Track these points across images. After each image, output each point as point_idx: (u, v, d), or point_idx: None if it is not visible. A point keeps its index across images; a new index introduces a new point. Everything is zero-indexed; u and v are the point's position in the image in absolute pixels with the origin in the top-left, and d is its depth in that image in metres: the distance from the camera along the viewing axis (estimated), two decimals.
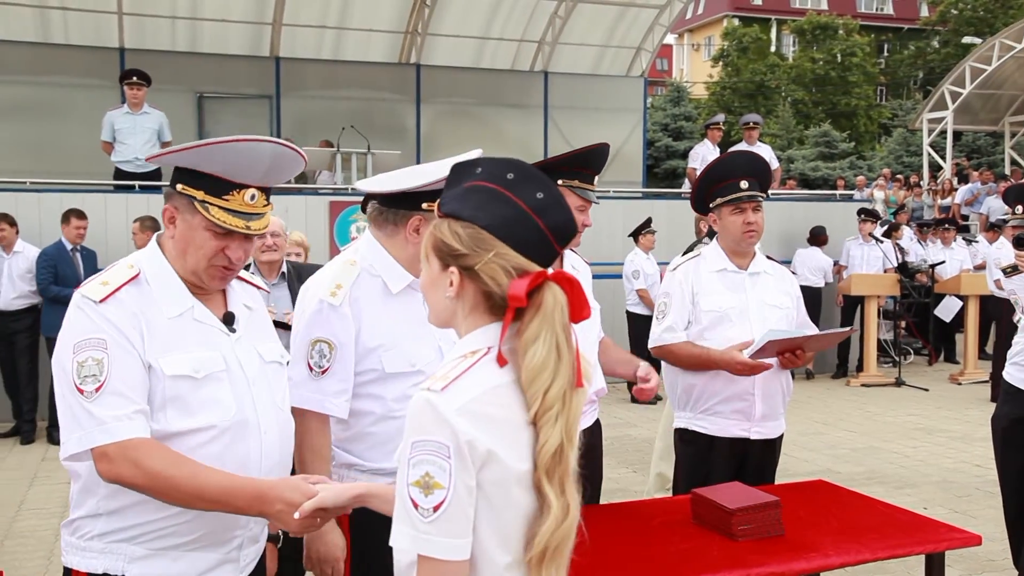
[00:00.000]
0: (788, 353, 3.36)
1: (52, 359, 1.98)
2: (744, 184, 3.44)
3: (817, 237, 10.74)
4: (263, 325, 2.23)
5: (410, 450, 1.48)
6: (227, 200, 2.00)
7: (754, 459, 3.51)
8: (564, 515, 1.48)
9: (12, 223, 7.72)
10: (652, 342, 3.59)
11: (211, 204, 1.99)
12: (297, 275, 4.40)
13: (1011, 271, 3.93)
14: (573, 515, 1.50)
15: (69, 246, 7.74)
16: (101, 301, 1.94)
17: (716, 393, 3.47)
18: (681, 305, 3.53)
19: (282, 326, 3.93)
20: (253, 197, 2.02)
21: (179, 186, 2.02)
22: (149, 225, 7.54)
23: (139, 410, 1.90)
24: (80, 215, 7.81)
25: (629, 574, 2.54)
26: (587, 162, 3.14)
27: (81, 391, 1.88)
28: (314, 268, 4.31)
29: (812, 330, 3.59)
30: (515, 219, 1.54)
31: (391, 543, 1.50)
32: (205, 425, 1.97)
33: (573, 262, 3.29)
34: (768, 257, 3.73)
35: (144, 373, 1.93)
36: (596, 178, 3.19)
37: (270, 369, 2.14)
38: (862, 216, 10.89)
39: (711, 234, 4.52)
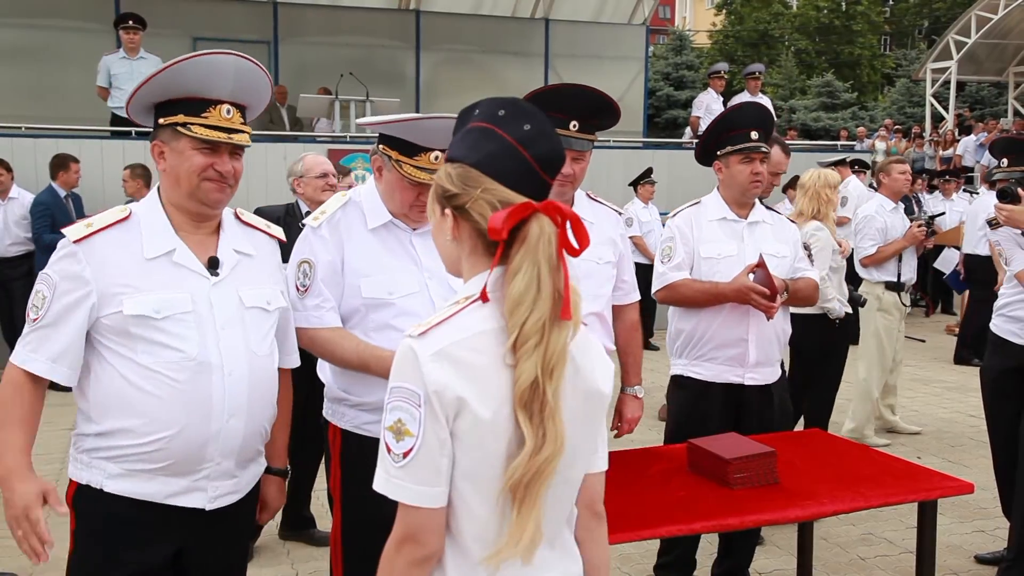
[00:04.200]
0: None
1: None
2: (754, 135, 3.45)
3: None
4: (259, 271, 2.28)
5: (388, 395, 1.50)
6: (205, 117, 2.12)
7: (751, 406, 3.55)
8: (537, 448, 1.45)
9: (8, 168, 7.67)
10: (658, 283, 3.57)
11: (192, 124, 2.11)
12: None
13: (995, 224, 3.92)
14: (549, 450, 1.46)
15: (62, 193, 7.70)
16: (76, 242, 2.09)
17: (710, 339, 3.51)
18: (684, 246, 3.55)
19: None
20: (229, 112, 2.14)
21: (160, 119, 2.14)
22: (140, 173, 7.50)
23: (51, 357, 2.08)
24: (75, 160, 7.77)
25: (626, 521, 2.57)
26: (554, 103, 2.87)
27: (28, 316, 2.12)
28: None
29: (809, 272, 3.67)
30: (501, 153, 1.53)
31: (374, 484, 1.52)
32: (166, 363, 2.08)
33: (587, 212, 3.11)
34: (768, 207, 3.72)
35: (80, 322, 2.08)
36: (574, 124, 2.93)
37: (249, 314, 2.21)
38: (856, 167, 10.79)
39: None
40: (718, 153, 3.53)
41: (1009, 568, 3.90)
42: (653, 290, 3.60)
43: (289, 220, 4.31)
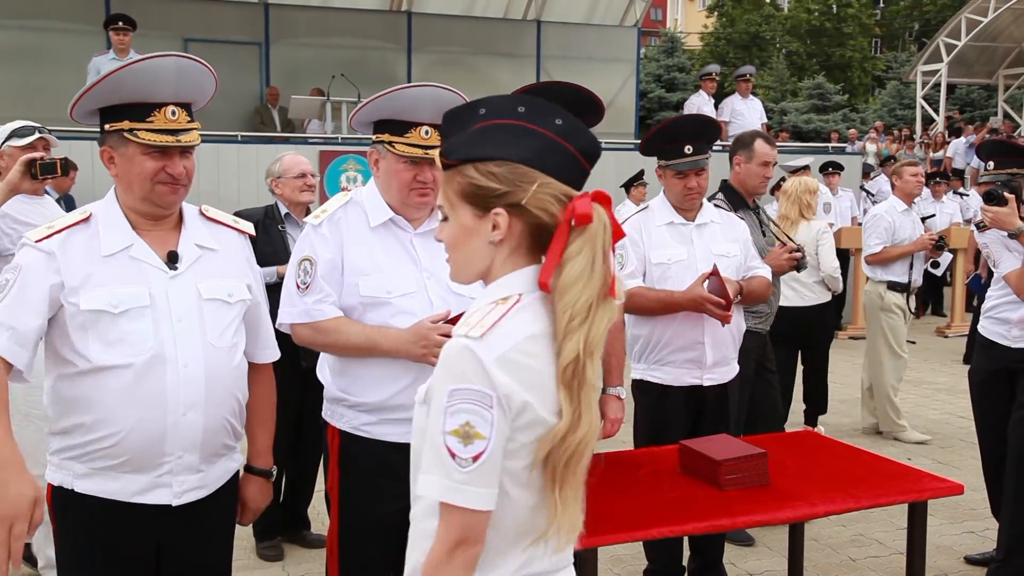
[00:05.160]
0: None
1: None
2: (688, 149, 3.49)
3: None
4: (223, 265, 2.30)
5: (447, 398, 1.44)
6: (151, 121, 2.12)
7: (710, 406, 3.61)
8: (575, 425, 1.46)
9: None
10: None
11: (138, 129, 2.11)
12: None
13: (982, 226, 3.94)
14: (585, 430, 1.46)
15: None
16: (37, 241, 2.12)
17: (667, 343, 3.56)
18: (636, 253, 3.59)
19: None
20: (174, 113, 2.15)
21: (106, 125, 2.15)
22: None
23: (13, 339, 2.03)
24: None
25: (618, 522, 2.58)
26: None
27: None
28: None
29: (761, 270, 3.73)
30: (546, 148, 1.53)
31: (418, 492, 1.49)
32: (121, 358, 2.09)
33: None
34: (716, 205, 3.77)
35: (41, 307, 2.06)
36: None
37: (208, 306, 2.22)
38: (830, 170, 10.82)
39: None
40: (658, 163, 3.61)
41: (998, 569, 3.92)
42: None
43: (267, 222, 4.30)
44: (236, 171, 8.75)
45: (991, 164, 4.18)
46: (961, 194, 12.60)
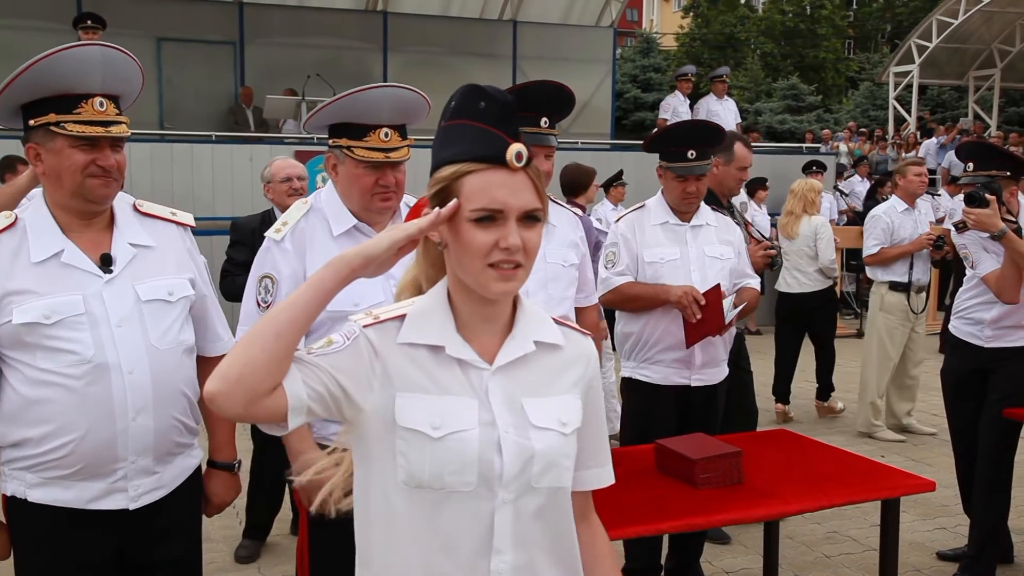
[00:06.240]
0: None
1: None
2: (691, 154, 3.51)
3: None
4: (161, 262, 2.23)
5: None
6: (79, 113, 2.03)
7: (696, 406, 3.63)
8: None
9: None
10: (603, 287, 3.62)
11: (65, 122, 2.03)
12: None
13: (962, 227, 3.96)
14: None
15: None
16: None
17: (657, 342, 3.58)
18: (628, 252, 3.61)
19: None
20: (102, 104, 2.06)
21: (31, 121, 2.05)
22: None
23: None
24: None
25: None
26: (521, 102, 2.96)
27: None
28: None
29: (752, 280, 3.79)
30: None
31: (605, 484, 1.70)
32: (63, 368, 2.04)
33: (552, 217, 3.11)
34: (714, 208, 3.79)
35: None
36: (544, 120, 3.01)
37: (148, 308, 2.16)
38: (814, 168, 10.89)
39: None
40: (660, 163, 3.62)
41: (969, 564, 3.97)
42: (600, 292, 3.61)
43: (264, 229, 4.24)
44: (210, 171, 8.69)
45: (971, 166, 4.20)
46: (932, 194, 12.73)
